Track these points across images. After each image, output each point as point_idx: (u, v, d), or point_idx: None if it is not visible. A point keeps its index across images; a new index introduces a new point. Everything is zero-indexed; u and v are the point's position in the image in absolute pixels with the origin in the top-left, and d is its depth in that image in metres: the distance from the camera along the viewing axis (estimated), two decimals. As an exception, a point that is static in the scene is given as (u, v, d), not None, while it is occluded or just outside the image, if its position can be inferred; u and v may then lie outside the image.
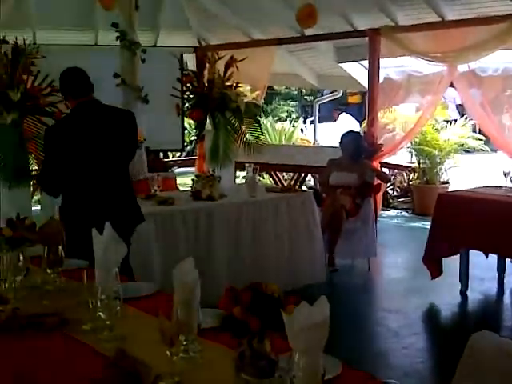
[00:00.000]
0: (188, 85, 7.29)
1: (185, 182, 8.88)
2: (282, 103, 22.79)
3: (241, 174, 8.93)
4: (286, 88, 21.06)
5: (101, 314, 2.08)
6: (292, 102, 22.96)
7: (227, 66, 6.90)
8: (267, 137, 11.77)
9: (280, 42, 8.79)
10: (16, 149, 5.13)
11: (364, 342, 4.43)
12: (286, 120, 17.52)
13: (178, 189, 8.36)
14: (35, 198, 6.31)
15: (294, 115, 20.64)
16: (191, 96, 7.23)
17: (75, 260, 2.82)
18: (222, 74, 6.85)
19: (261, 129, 7.42)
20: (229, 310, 2.01)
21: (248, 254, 5.15)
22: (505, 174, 5.24)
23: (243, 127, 7.34)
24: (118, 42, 6.19)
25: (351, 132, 6.72)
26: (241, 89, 7.30)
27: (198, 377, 1.83)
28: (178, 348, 1.86)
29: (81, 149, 3.59)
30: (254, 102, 7.73)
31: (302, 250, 5.49)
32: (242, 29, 9.01)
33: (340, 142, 6.54)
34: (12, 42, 5.20)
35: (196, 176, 5.54)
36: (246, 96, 7.23)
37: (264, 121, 12.80)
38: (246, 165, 5.80)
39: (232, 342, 1.80)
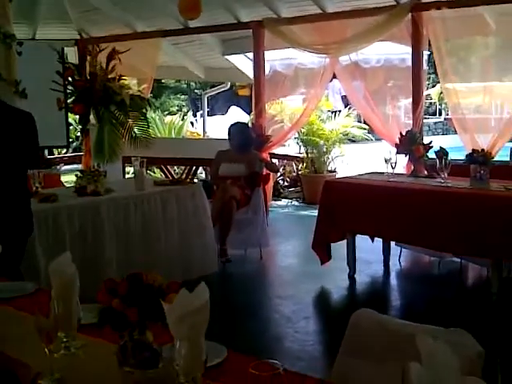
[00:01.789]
0: (69, 78, 7.04)
1: (72, 179, 8.57)
2: (172, 97, 22.57)
3: (131, 169, 8.74)
4: (177, 81, 20.87)
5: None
6: (182, 96, 22.79)
7: (109, 59, 6.70)
8: (156, 130, 11.62)
9: (164, 34, 8.68)
10: None
11: (258, 329, 4.46)
12: (176, 114, 17.36)
13: (62, 185, 8.08)
14: None
15: (184, 109, 20.50)
16: (73, 90, 6.98)
17: None
18: (104, 67, 6.66)
19: (147, 122, 7.29)
20: (107, 302, 1.94)
21: (138, 249, 5.03)
22: (386, 161, 5.42)
23: (129, 121, 7.18)
24: (-8, 36, 5.86)
25: (238, 123, 6.74)
26: (126, 82, 7.13)
27: (80, 373, 1.77)
28: (58, 345, 1.78)
29: None
30: (140, 95, 7.57)
31: (194, 242, 5.44)
32: (125, 21, 8.82)
33: (228, 134, 6.55)
34: None
35: (80, 171, 5.35)
36: (130, 89, 7.07)
37: (152, 114, 12.62)
38: (133, 158, 5.68)
39: (114, 336, 1.74)
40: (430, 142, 5.82)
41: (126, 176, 8.75)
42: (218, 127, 12.78)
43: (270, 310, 4.99)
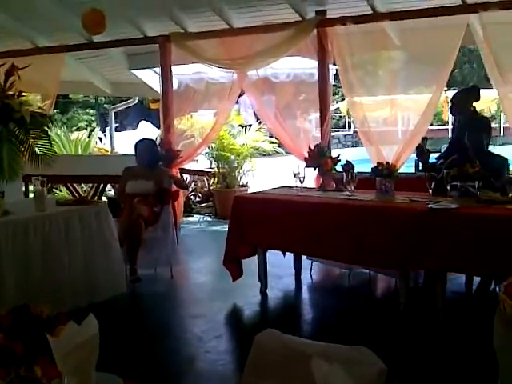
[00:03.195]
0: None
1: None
2: (80, 112, 22.06)
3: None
4: (85, 96, 20.41)
5: None
6: (92, 111, 22.32)
7: (7, 75, 6.40)
8: (62, 147, 11.26)
9: (68, 48, 8.39)
10: None
11: (169, 350, 4.31)
12: (85, 129, 16.95)
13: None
14: None
15: (94, 124, 20.07)
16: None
17: None
18: (2, 83, 6.35)
19: (49, 140, 7.00)
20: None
21: (39, 273, 4.77)
22: (294, 175, 5.42)
23: (30, 139, 6.88)
24: None
25: (144, 139, 6.58)
26: (27, 98, 6.83)
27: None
28: None
29: None
30: (41, 111, 7.27)
31: (100, 263, 5.23)
32: (26, 36, 8.47)
33: (134, 150, 6.39)
34: None
35: (-25, 193, 5.04)
36: (31, 106, 6.77)
37: (58, 131, 12.24)
38: (33, 178, 5.42)
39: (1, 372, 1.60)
40: (338, 156, 5.89)
41: (30, 195, 8.37)
42: (128, 142, 12.53)
43: (181, 330, 4.86)
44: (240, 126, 10.77)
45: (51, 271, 4.87)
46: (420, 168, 5.46)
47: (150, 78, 9.59)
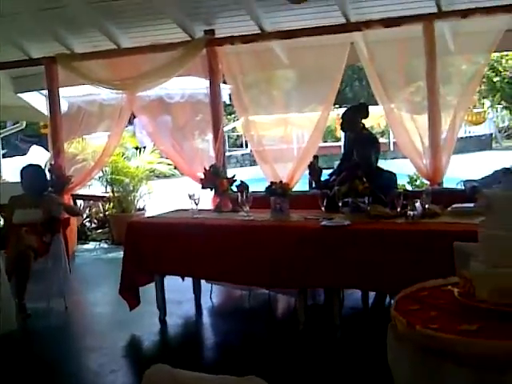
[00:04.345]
0: None
1: None
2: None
3: None
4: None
5: None
6: (-24, 136, 21.21)
7: None
8: None
9: None
10: None
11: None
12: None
13: None
14: None
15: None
16: None
17: None
18: None
19: None
20: None
21: None
22: (190, 197, 5.33)
23: None
24: None
25: (30, 165, 6.29)
26: None
27: None
28: None
29: None
30: None
31: (-15, 299, 4.91)
32: None
33: (20, 178, 6.09)
34: None
35: None
36: None
37: None
38: None
39: None
40: (234, 176, 5.87)
41: None
42: (17, 169, 11.97)
43: (77, 366, 4.61)
44: (135, 148, 10.57)
45: None
46: (313, 186, 5.53)
47: (38, 100, 9.23)
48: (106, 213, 9.48)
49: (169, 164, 9.81)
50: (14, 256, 5.44)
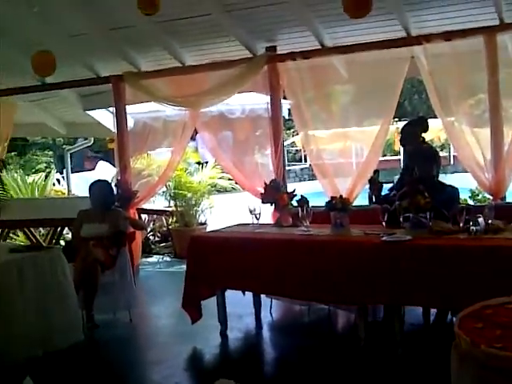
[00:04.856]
0: None
1: None
2: (39, 154, 21.73)
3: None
4: (43, 138, 20.16)
5: None
6: (51, 152, 22.00)
7: (-43, 120, 6.32)
8: (18, 191, 11.04)
9: (20, 91, 8.32)
10: None
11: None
12: (44, 171, 16.68)
13: None
14: None
15: (52, 165, 19.78)
16: None
17: None
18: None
19: (2, 184, 6.90)
20: None
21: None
22: (250, 212, 5.40)
23: (-18, 184, 6.76)
24: None
25: (98, 181, 6.50)
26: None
27: None
28: None
29: None
30: (-9, 156, 7.18)
31: (55, 310, 5.08)
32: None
33: (89, 193, 6.31)
34: None
35: None
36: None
37: (15, 174, 12.03)
38: (-16, 226, 5.29)
39: None
40: (294, 190, 5.91)
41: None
42: (86, 183, 12.36)
43: (140, 377, 4.71)
44: (197, 163, 10.75)
45: (4, 320, 4.72)
46: (373, 200, 5.50)
47: (105, 117, 9.55)
48: (169, 227, 9.67)
49: (230, 179, 9.95)
50: (82, 269, 5.63)
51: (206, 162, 10.46)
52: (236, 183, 8.54)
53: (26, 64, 7.06)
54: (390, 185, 5.74)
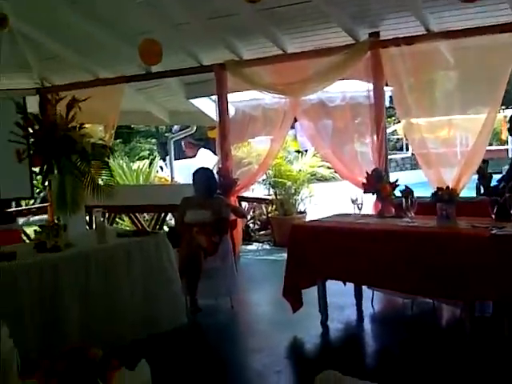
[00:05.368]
0: (29, 129, 6.90)
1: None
2: (142, 141, 22.45)
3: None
4: (146, 126, 20.80)
5: None
6: (153, 140, 22.69)
7: (69, 107, 6.59)
8: (124, 178, 11.46)
9: (127, 79, 8.59)
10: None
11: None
12: (147, 158, 17.23)
13: (28, 240, 7.85)
14: None
15: (155, 153, 20.39)
16: (33, 141, 6.83)
17: None
18: (64, 116, 6.53)
19: (110, 170, 7.13)
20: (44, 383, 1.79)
21: (100, 305, 4.82)
22: (352, 201, 5.33)
23: (91, 170, 7.02)
24: None
25: (201, 169, 6.61)
26: (89, 129, 7.01)
27: None
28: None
29: None
30: (102, 142, 7.44)
31: (159, 294, 5.24)
32: (86, 68, 8.74)
33: (192, 180, 6.43)
34: None
35: (39, 226, 5.16)
36: (92, 137, 6.93)
37: (120, 161, 12.49)
38: (94, 210, 5.51)
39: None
40: (396, 180, 5.77)
41: (94, 226, 8.54)
42: (187, 171, 12.65)
43: (241, 365, 4.78)
44: (297, 151, 10.73)
45: (112, 303, 4.91)
46: (482, 192, 5.28)
47: (207, 105, 9.70)
48: (269, 215, 9.73)
49: (329, 168, 9.87)
50: (186, 255, 5.76)
51: (306, 151, 10.42)
52: (336, 172, 8.46)
53: (131, 53, 7.32)
54: (499, 176, 5.49)
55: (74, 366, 1.79)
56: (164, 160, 16.90)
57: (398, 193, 5.57)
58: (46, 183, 7.42)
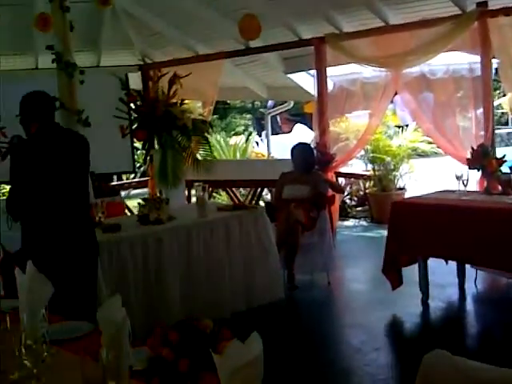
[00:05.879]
0: (132, 105, 7.12)
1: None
2: (238, 117, 22.67)
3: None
4: (242, 101, 20.96)
5: (26, 362, 1.84)
6: (248, 115, 22.87)
7: (170, 83, 6.73)
8: (221, 153, 11.61)
9: (226, 55, 8.64)
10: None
11: (326, 361, 4.25)
12: (242, 134, 17.38)
13: (129, 213, 8.13)
14: None
15: (250, 129, 20.54)
16: (136, 116, 7.05)
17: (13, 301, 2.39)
18: (166, 92, 6.68)
19: (209, 145, 7.27)
20: (157, 351, 1.83)
21: (201, 277, 4.93)
22: (457, 178, 5.14)
23: (192, 145, 7.16)
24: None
25: (301, 144, 6.57)
26: (189, 105, 7.15)
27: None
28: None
29: (42, 173, 3.44)
30: (201, 118, 7.56)
31: (258, 268, 5.30)
32: (186, 44, 8.85)
33: (291, 155, 6.41)
34: None
35: (143, 199, 5.32)
36: (192, 113, 7.07)
37: (217, 136, 12.66)
38: (195, 184, 5.61)
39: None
40: (504, 156, 5.53)
41: (193, 199, 8.71)
42: (283, 146, 12.66)
43: (338, 340, 4.79)
44: (396, 126, 10.47)
45: (212, 276, 5.01)
46: None
47: (304, 80, 9.61)
48: (366, 191, 9.58)
49: (431, 143, 9.57)
50: (284, 229, 5.77)
51: (406, 125, 10.15)
52: (438, 147, 8.18)
53: (231, 28, 7.34)
54: None
55: (186, 336, 1.81)
56: (260, 135, 16.99)
57: (505, 169, 5.33)
58: (148, 158, 7.63)
